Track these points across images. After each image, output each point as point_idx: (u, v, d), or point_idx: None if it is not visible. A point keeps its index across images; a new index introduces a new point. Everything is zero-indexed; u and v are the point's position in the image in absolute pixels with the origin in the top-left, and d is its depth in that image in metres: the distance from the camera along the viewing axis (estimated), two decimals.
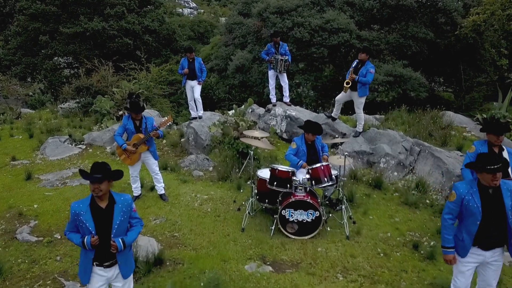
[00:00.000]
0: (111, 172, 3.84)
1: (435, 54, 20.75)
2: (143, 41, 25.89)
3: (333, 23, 18.51)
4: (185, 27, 40.22)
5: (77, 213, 3.79)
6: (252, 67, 19.91)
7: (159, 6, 28.56)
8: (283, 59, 10.49)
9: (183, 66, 10.97)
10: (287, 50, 10.73)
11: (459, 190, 4.16)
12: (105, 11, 24.99)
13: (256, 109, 12.05)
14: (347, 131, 9.95)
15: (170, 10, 50.15)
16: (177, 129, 13.48)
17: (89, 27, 23.91)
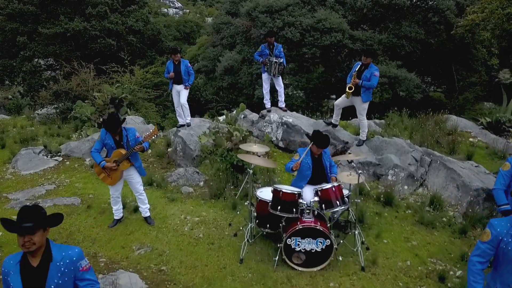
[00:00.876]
0: (46, 218, 2.91)
1: (427, 54, 20.07)
2: (127, 42, 24.66)
3: (325, 22, 17.63)
4: (170, 27, 38.99)
5: (6, 272, 2.81)
6: (242, 69, 18.91)
7: (143, 5, 27.33)
8: (278, 61, 9.57)
9: (169, 69, 9.96)
10: (281, 52, 9.82)
11: (496, 229, 3.26)
12: (87, 10, 23.69)
13: (249, 115, 11.09)
14: (349, 139, 9.06)
15: (155, 10, 48.77)
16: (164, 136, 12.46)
17: (70, 27, 22.59)
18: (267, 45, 9.76)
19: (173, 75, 9.80)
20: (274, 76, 9.79)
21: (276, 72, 9.64)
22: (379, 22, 19.62)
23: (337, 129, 9.23)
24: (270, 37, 9.67)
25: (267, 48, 9.76)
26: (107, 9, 24.15)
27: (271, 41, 9.67)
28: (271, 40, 9.67)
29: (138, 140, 6.16)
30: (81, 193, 7.93)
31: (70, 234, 6.39)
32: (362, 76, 8.16)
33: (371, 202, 7.23)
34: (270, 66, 9.63)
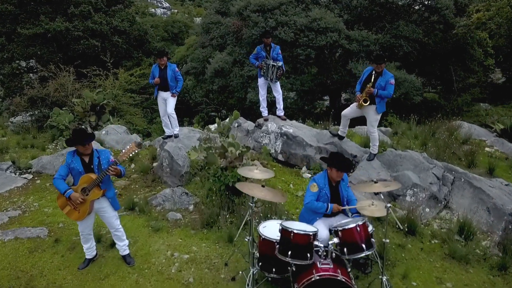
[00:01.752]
0: None
1: (423, 54, 19.09)
2: (112, 43, 23.25)
3: (320, 22, 16.51)
4: (158, 27, 37.49)
5: None
6: (233, 71, 17.70)
7: (129, 5, 25.93)
8: (276, 65, 8.41)
9: (154, 74, 8.73)
10: (279, 54, 8.66)
11: None
12: (69, 10, 22.22)
13: (243, 123, 9.90)
14: (358, 153, 7.93)
15: (142, 10, 47.32)
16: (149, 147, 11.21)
17: (51, 27, 21.12)
18: (263, 47, 8.60)
19: (158, 81, 8.58)
20: (271, 81, 8.63)
21: (274, 77, 8.49)
22: (375, 21, 18.57)
23: (344, 141, 8.09)
24: (266, 38, 8.50)
25: (263, 50, 8.59)
26: (91, 8, 22.71)
27: (267, 42, 8.51)
28: (267, 41, 8.50)
29: (111, 163, 4.94)
30: (49, 221, 6.66)
31: (31, 280, 5.13)
32: (376, 84, 7.04)
33: (391, 230, 6.10)
34: (267, 70, 8.46)
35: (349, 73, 17.33)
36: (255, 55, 8.69)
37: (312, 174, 7.94)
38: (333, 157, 4.87)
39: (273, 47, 8.59)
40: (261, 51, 8.58)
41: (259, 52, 8.61)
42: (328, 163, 4.86)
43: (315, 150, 8.11)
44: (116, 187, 8.08)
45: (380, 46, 17.65)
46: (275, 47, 8.65)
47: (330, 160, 4.85)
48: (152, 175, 8.56)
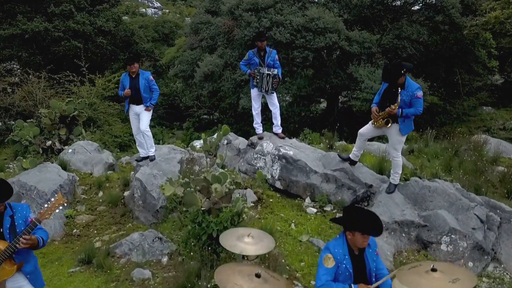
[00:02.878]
0: None
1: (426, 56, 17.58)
2: (96, 44, 21.49)
3: (318, 22, 14.89)
4: (148, 28, 35.63)
5: None
6: (224, 74, 16.05)
7: (115, 4, 24.12)
8: (271, 73, 6.80)
9: (124, 84, 7.06)
10: (276, 60, 7.05)
11: None
12: (49, 9, 20.42)
13: (234, 140, 8.25)
14: (373, 181, 6.33)
15: (133, 10, 45.46)
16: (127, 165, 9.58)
17: (29, 28, 19.31)
18: (256, 52, 6.98)
19: (129, 93, 6.92)
20: (266, 93, 7.02)
21: (270, 88, 6.88)
22: (376, 21, 17.01)
23: (357, 166, 6.49)
24: (260, 41, 6.87)
25: (256, 55, 6.96)
26: (73, 7, 20.91)
27: (261, 46, 6.89)
28: (261, 45, 6.88)
29: (29, 223, 3.28)
30: None
31: None
32: (399, 99, 5.46)
33: None
34: (261, 79, 6.85)
35: (350, 77, 15.76)
36: (246, 61, 7.07)
37: (318, 208, 6.33)
38: (355, 216, 3.25)
39: (268, 52, 6.98)
40: (254, 57, 6.97)
41: (251, 58, 6.99)
42: (347, 226, 3.25)
43: (321, 178, 6.51)
44: (77, 224, 6.44)
45: (382, 48, 16.10)
46: (270, 52, 7.04)
47: (351, 222, 3.23)
48: (122, 207, 6.93)
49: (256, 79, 6.95)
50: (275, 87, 6.99)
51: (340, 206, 6.15)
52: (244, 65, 7.16)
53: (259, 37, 6.96)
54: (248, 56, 7.07)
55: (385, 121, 5.60)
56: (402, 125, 5.57)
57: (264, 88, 6.91)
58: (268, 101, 7.27)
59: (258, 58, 6.97)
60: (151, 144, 7.32)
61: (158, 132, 18.96)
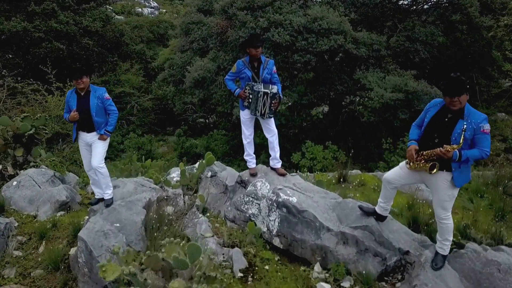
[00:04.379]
0: None
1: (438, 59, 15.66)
2: (81, 46, 19.50)
3: (322, 22, 12.96)
4: (142, 28, 33.66)
5: None
6: (216, 80, 14.10)
7: (103, 3, 22.12)
8: (269, 92, 4.88)
9: (70, 105, 5.12)
10: (274, 73, 5.13)
11: None
12: (29, 8, 18.44)
13: (221, 172, 6.31)
14: (410, 246, 4.39)
15: (128, 9, 43.55)
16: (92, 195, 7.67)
17: (5, 28, 17.32)
18: (248, 62, 5.04)
19: (76, 116, 5.00)
20: (262, 117, 5.08)
21: (267, 111, 4.96)
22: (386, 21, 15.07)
23: (385, 222, 4.55)
24: (254, 47, 4.91)
25: (247, 66, 5.03)
26: (55, 6, 18.91)
27: (256, 54, 4.94)
28: (256, 53, 4.93)
29: None
30: None
31: None
32: (454, 133, 3.58)
33: None
34: (256, 100, 4.93)
35: (356, 83, 13.84)
36: (234, 75, 5.13)
37: (333, 283, 4.40)
38: None
39: (264, 61, 5.03)
40: (244, 69, 5.03)
41: (240, 70, 5.05)
42: None
43: (336, 238, 4.58)
44: None
45: (392, 50, 14.17)
46: (267, 63, 5.09)
47: None
48: (65, 273, 4.99)
49: (247, 100, 5.03)
50: (275, 110, 5.06)
51: (364, 281, 4.23)
52: (231, 80, 5.22)
53: (254, 42, 4.97)
54: (236, 67, 5.11)
55: (430, 166, 3.71)
56: (456, 172, 3.68)
57: (260, 110, 4.98)
58: (262, 126, 5.33)
59: (251, 71, 5.04)
60: (107, 184, 5.36)
61: (146, 141, 17.02)
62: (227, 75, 5.26)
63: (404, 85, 12.46)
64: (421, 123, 3.98)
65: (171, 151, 19.17)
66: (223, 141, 17.89)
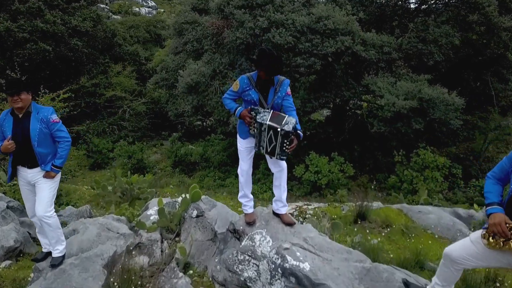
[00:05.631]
0: None
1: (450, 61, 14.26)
2: (69, 47, 18.04)
3: (327, 21, 11.54)
4: (139, 27, 32.20)
5: None
6: (212, 85, 12.68)
7: (94, 1, 20.64)
8: (280, 129, 3.36)
9: (4, 130, 3.71)
10: (287, 97, 3.65)
11: None
12: (13, 6, 16.98)
13: (209, 211, 4.89)
14: None
15: (125, 9, 42.10)
16: None
17: None
18: (255, 79, 3.61)
19: (12, 147, 3.61)
20: (270, 155, 3.62)
21: (278, 152, 3.46)
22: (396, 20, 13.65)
23: None
24: (267, 68, 3.43)
25: (253, 86, 3.60)
26: (42, 4, 17.44)
27: (265, 75, 3.50)
28: (264, 74, 3.50)
29: None
30: None
31: None
32: None
33: None
34: (259, 135, 3.52)
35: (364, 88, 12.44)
36: (236, 94, 3.68)
37: None
38: None
39: (276, 82, 3.60)
40: (250, 89, 3.61)
41: (244, 90, 3.62)
42: None
43: None
44: None
45: (404, 53, 12.75)
46: (280, 84, 3.63)
47: None
48: None
49: (253, 127, 3.60)
50: (289, 151, 3.54)
51: None
52: (230, 99, 3.79)
53: (264, 59, 3.43)
54: (239, 85, 3.63)
55: None
56: None
57: (265, 148, 3.53)
58: (271, 165, 3.89)
59: (258, 93, 3.61)
60: (57, 238, 3.94)
61: (137, 150, 15.60)
62: (226, 93, 3.79)
63: (418, 91, 11.06)
64: (503, 176, 2.58)
65: (165, 158, 17.75)
66: (220, 147, 16.50)
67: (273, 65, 3.39)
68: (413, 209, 5.49)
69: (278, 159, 3.53)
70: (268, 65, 3.38)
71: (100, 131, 17.81)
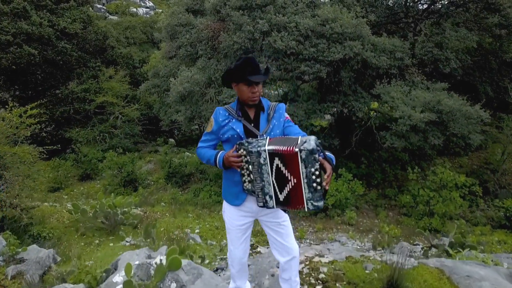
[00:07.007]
0: None
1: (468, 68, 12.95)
2: (57, 50, 16.66)
3: (334, 24, 10.19)
4: (135, 28, 30.80)
5: None
6: (206, 94, 11.34)
7: (85, 2, 19.23)
8: (301, 152, 2.02)
9: None
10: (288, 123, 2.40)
11: None
12: None
13: (192, 284, 3.58)
14: None
15: (123, 9, 40.69)
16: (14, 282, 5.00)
17: None
18: (235, 108, 2.34)
19: None
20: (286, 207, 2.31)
21: (308, 194, 2.06)
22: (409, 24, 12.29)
23: None
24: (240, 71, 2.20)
25: (233, 115, 2.33)
26: (27, 5, 16.06)
27: (251, 95, 2.23)
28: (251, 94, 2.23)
29: None
30: None
31: None
32: None
33: None
34: (260, 174, 2.20)
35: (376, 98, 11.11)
36: (212, 136, 2.42)
37: None
38: None
39: (268, 108, 2.34)
40: (230, 120, 2.33)
41: (223, 124, 2.36)
42: None
43: None
44: None
45: (418, 59, 11.41)
46: (273, 108, 2.36)
47: None
48: None
49: (246, 173, 2.29)
50: (326, 187, 2.07)
51: None
52: (206, 147, 2.47)
53: (245, 72, 2.27)
54: (214, 121, 2.39)
55: None
56: None
57: (274, 195, 2.20)
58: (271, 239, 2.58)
59: (242, 121, 2.31)
60: None
61: (128, 161, 14.24)
62: (200, 141, 2.49)
63: (436, 102, 9.72)
64: None
65: (158, 169, 16.40)
66: None
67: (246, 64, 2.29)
68: (459, 270, 4.17)
69: (311, 208, 2.08)
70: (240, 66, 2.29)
71: (90, 139, 16.46)
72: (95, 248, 8.19)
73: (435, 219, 9.65)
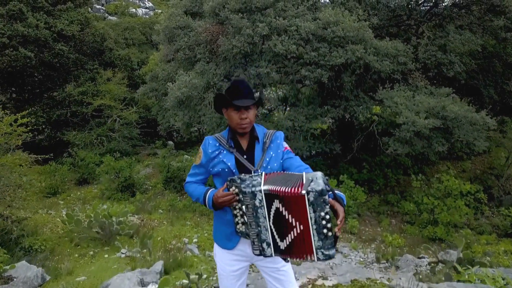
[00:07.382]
0: None
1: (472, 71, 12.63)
2: (54, 52, 16.34)
3: (336, 28, 9.88)
4: (134, 29, 30.46)
5: None
6: (205, 99, 11.02)
7: (83, 4, 18.91)
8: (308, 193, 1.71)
9: None
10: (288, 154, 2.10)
11: None
12: None
13: None
14: None
15: (122, 10, 40.37)
16: None
17: None
18: (226, 137, 2.05)
19: None
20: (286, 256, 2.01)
21: (318, 242, 1.75)
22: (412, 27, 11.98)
23: None
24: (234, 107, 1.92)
25: (224, 146, 2.03)
26: (23, 7, 15.74)
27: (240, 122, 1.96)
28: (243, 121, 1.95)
29: None
30: None
31: None
32: None
33: None
34: (255, 219, 1.90)
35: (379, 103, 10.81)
36: (201, 170, 2.12)
37: None
38: None
39: (264, 136, 2.04)
40: (220, 151, 2.02)
41: (213, 156, 2.05)
42: None
43: None
44: None
45: (422, 63, 11.10)
46: (271, 137, 2.06)
47: None
48: None
49: (237, 212, 2.00)
50: (338, 233, 1.78)
51: None
52: (195, 183, 2.17)
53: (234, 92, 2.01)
54: (203, 153, 2.09)
55: None
56: None
57: (272, 242, 1.90)
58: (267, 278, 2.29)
59: (233, 153, 2.00)
60: None
61: (125, 166, 13.93)
62: (188, 176, 2.18)
63: (441, 108, 9.41)
64: None
65: (157, 173, 16.11)
66: None
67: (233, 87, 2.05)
68: None
69: (321, 258, 1.76)
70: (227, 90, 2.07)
71: (87, 142, 16.16)
72: (89, 260, 7.89)
73: (440, 228, 9.34)
